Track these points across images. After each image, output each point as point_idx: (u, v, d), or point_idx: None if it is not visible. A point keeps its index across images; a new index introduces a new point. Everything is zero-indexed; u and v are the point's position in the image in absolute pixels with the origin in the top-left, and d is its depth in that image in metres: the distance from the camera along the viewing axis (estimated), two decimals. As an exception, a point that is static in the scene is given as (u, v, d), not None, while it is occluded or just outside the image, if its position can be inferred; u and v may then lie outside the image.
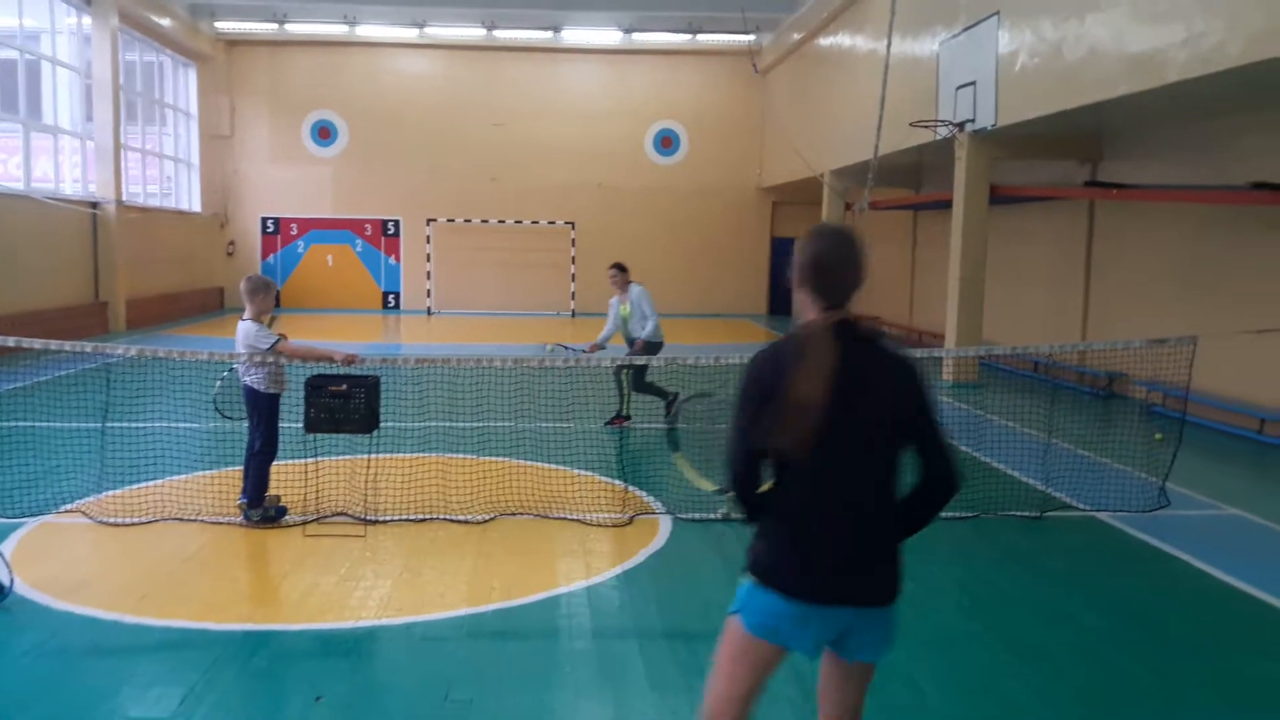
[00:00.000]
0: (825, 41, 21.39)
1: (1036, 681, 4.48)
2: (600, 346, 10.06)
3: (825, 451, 2.62)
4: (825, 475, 2.65)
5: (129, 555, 6.05)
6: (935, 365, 14.51)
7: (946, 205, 15.00)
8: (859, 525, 2.67)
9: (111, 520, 6.60)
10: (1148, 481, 7.91)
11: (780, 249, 27.94)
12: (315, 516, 6.66)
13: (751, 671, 2.78)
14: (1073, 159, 14.30)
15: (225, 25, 25.48)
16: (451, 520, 6.71)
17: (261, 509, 6.58)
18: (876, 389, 2.65)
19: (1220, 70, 8.52)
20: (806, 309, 2.73)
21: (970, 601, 5.58)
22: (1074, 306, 14.63)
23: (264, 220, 26.81)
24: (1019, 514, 7.21)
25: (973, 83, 13.23)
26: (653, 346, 10.18)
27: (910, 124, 14.41)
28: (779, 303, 28.02)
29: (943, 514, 7.09)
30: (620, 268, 10.45)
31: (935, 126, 14.11)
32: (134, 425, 8.65)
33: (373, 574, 5.70)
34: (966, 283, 14.00)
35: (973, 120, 13.26)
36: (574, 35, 26.48)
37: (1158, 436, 9.16)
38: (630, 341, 10.37)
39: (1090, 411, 11.75)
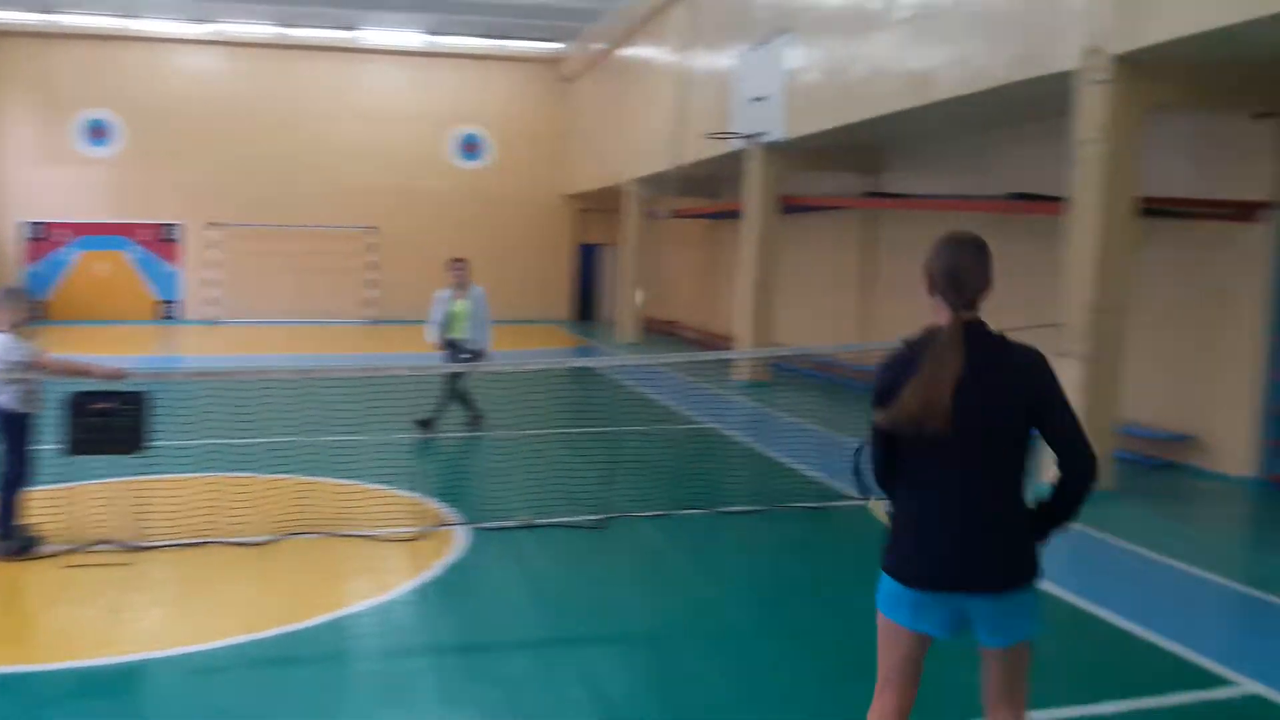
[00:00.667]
0: (627, 52, 21.74)
1: (815, 665, 4.67)
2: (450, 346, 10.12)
3: (943, 444, 2.78)
4: (940, 467, 2.82)
5: None
6: (727, 367, 15.00)
7: (740, 214, 15.51)
8: (970, 516, 2.80)
9: None
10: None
11: (586, 255, 28.13)
12: (76, 546, 6.13)
13: (891, 648, 2.96)
14: (856, 170, 15.10)
15: (-20, 12, 23.24)
16: (230, 543, 6.32)
17: (13, 540, 6.00)
18: (999, 385, 2.77)
19: (985, 89, 9.22)
20: (936, 313, 2.89)
21: (758, 592, 5.75)
22: (858, 309, 15.45)
23: (26, 225, 24.61)
24: (802, 505, 7.55)
25: (765, 96, 13.75)
26: (483, 353, 10.08)
27: (706, 135, 14.83)
28: (585, 309, 28.22)
29: (732, 508, 7.28)
30: (465, 262, 10.34)
31: (730, 138, 14.58)
32: None
33: (140, 604, 5.30)
34: (758, 288, 14.52)
35: (765, 133, 13.78)
36: (373, 36, 25.76)
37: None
38: (452, 344, 10.10)
39: (868, 406, 12.43)
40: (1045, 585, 5.72)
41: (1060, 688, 4.44)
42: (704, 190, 21.50)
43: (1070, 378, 7.93)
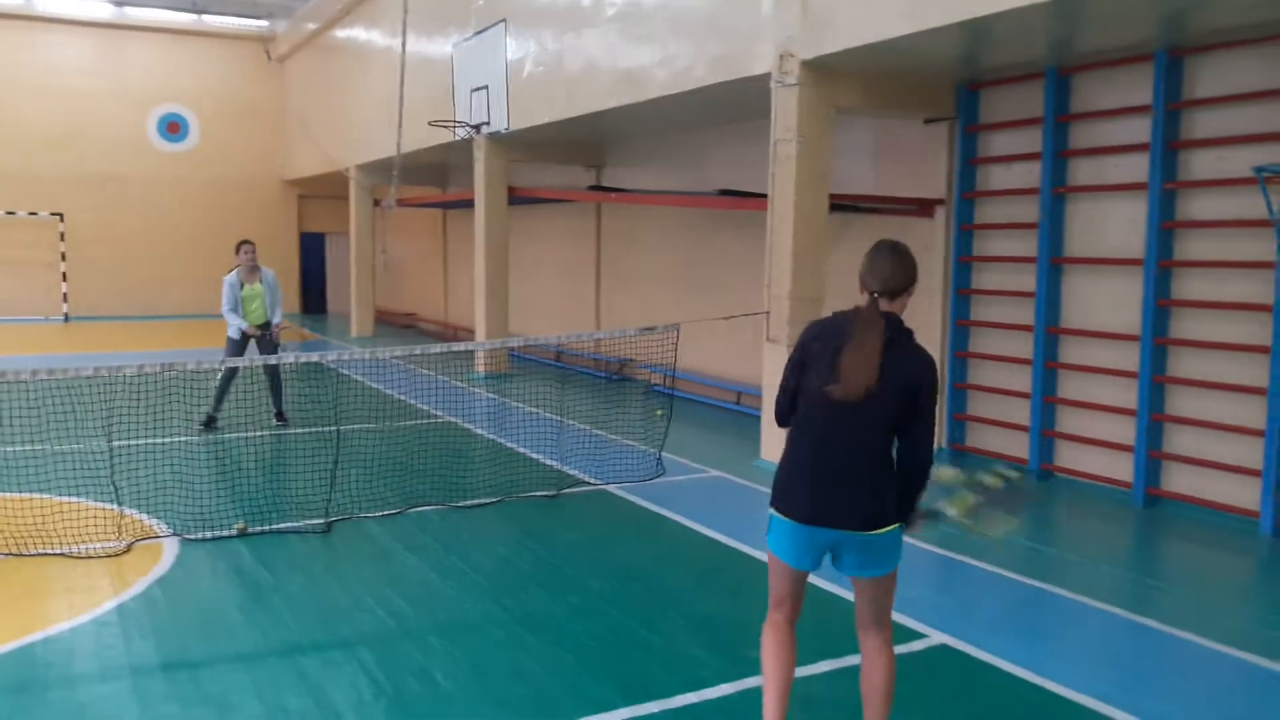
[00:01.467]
0: (341, 34, 20.94)
1: (545, 651, 4.77)
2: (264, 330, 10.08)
3: (840, 403, 3.34)
4: (831, 422, 3.40)
5: None
6: (467, 359, 14.91)
7: (472, 204, 15.45)
8: (846, 465, 3.38)
9: None
10: (648, 453, 8.80)
11: (309, 244, 26.84)
12: None
13: (778, 579, 3.60)
14: (581, 163, 15.41)
15: None
16: (-113, 574, 5.58)
17: None
18: (894, 368, 3.32)
19: (690, 89, 9.69)
20: (864, 296, 3.47)
21: (491, 584, 5.77)
22: (588, 299, 15.82)
23: None
24: (538, 494, 7.66)
25: (485, 86, 13.71)
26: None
27: (429, 123, 14.60)
28: (312, 301, 27.00)
29: (468, 501, 7.25)
30: (253, 244, 10.28)
31: (453, 127, 14.43)
32: None
33: None
34: (492, 279, 14.51)
35: (488, 123, 13.74)
36: (51, 3, 23.22)
37: (658, 413, 10.20)
38: (261, 327, 10.13)
39: (603, 394, 12.80)
40: (749, 553, 6.18)
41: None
42: (434, 179, 21.16)
43: (774, 363, 8.53)
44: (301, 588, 5.69)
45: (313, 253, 26.92)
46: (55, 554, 6.01)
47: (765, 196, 8.88)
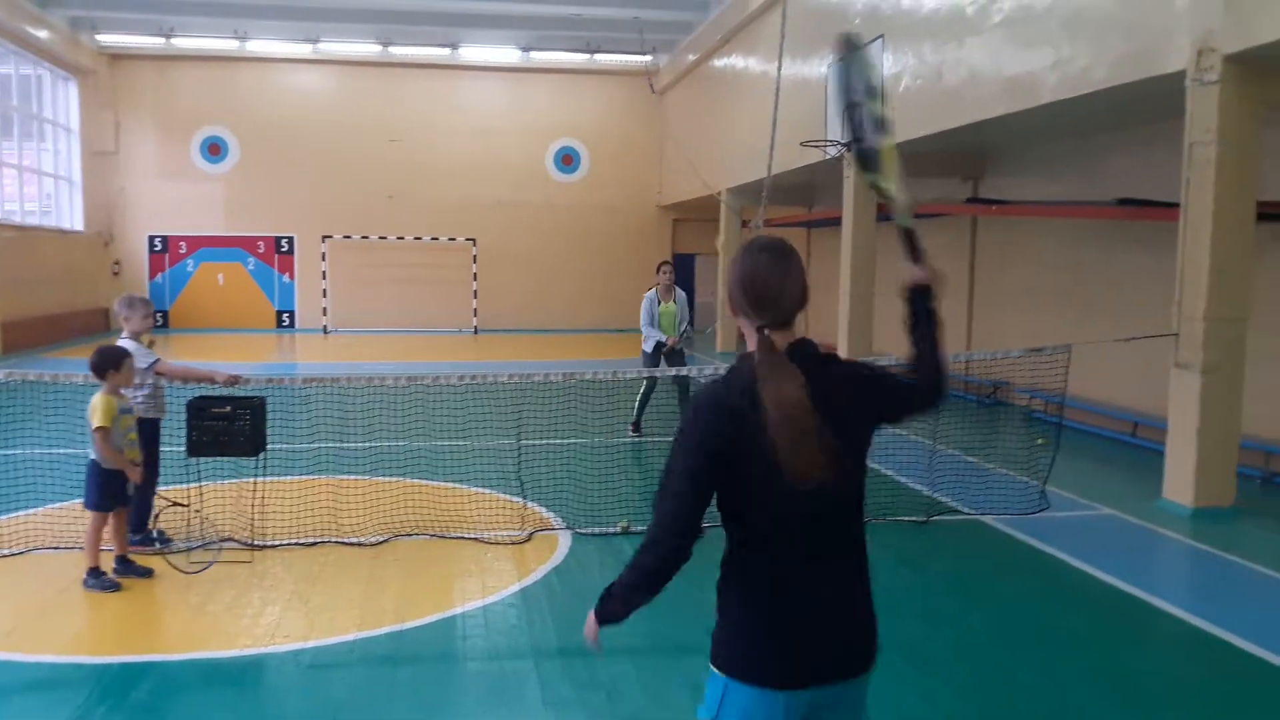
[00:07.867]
0: (719, 63, 21.77)
1: (920, 682, 4.61)
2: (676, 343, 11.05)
3: (808, 500, 2.17)
4: (809, 529, 2.22)
5: (-3, 590, 5.76)
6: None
7: (838, 222, 15.40)
8: (847, 581, 2.30)
9: (-22, 554, 6.28)
10: (1029, 485, 8.23)
11: (681, 265, 28.19)
12: (200, 543, 6.45)
13: None
14: (956, 176, 14.84)
15: (108, 39, 24.61)
16: (343, 543, 6.57)
17: (144, 535, 6.34)
18: (847, 409, 2.26)
19: (1088, 93, 8.98)
20: (749, 334, 2.29)
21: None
22: (959, 317, 15.15)
23: (151, 239, 25.90)
24: (906, 519, 7.42)
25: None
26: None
27: (801, 144, 14.75)
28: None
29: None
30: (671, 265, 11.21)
31: (825, 146, 14.47)
32: (4, 453, 8.23)
33: (259, 600, 5.54)
34: (857, 297, 14.35)
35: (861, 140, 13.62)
36: (472, 53, 26.39)
37: (1039, 441, 9.51)
38: (659, 345, 11.01)
39: (975, 418, 12.18)
40: (1168, 608, 5.56)
41: (1192, 717, 4.32)
42: (798, 199, 21.38)
43: (1187, 391, 7.65)
44: (680, 588, 5.91)
45: (683, 272, 28.24)
46: (470, 538, 6.75)
47: (1174, 206, 8.01)
